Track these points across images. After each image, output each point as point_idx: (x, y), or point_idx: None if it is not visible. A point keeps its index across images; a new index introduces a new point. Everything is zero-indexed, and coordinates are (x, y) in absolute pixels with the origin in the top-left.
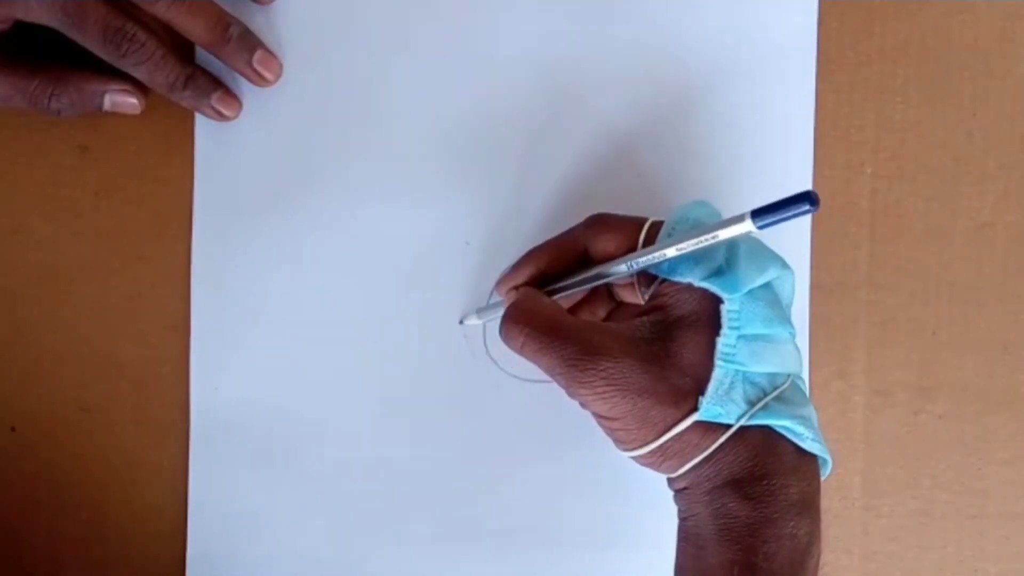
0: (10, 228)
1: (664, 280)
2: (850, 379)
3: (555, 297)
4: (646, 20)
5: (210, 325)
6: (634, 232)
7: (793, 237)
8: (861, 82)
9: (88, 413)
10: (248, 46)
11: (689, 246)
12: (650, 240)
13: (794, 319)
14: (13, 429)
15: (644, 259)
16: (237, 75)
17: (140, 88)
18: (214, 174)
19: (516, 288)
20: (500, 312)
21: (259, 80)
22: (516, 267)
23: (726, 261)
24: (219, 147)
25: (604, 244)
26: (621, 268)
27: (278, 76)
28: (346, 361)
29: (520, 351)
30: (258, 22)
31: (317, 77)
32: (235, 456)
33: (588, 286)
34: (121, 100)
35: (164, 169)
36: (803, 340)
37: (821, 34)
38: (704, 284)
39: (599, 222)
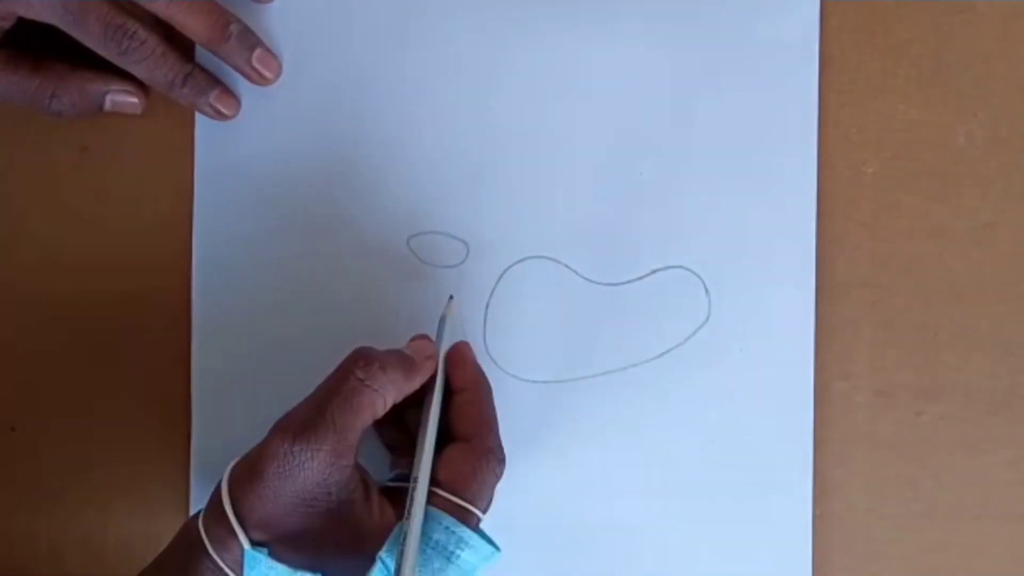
0: (10, 228)
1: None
2: (852, 380)
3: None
4: (648, 19)
5: (210, 324)
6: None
7: (796, 239)
8: (862, 82)
9: (88, 413)
10: (248, 44)
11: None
12: None
13: (798, 321)
14: (13, 429)
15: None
16: (237, 75)
17: (141, 88)
18: (214, 174)
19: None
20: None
21: (258, 79)
22: None
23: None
24: (219, 147)
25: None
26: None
27: (277, 75)
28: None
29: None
30: (258, 21)
31: (317, 76)
32: (236, 456)
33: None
34: (122, 100)
35: (164, 169)
36: (806, 342)
37: (823, 34)
38: None
39: None
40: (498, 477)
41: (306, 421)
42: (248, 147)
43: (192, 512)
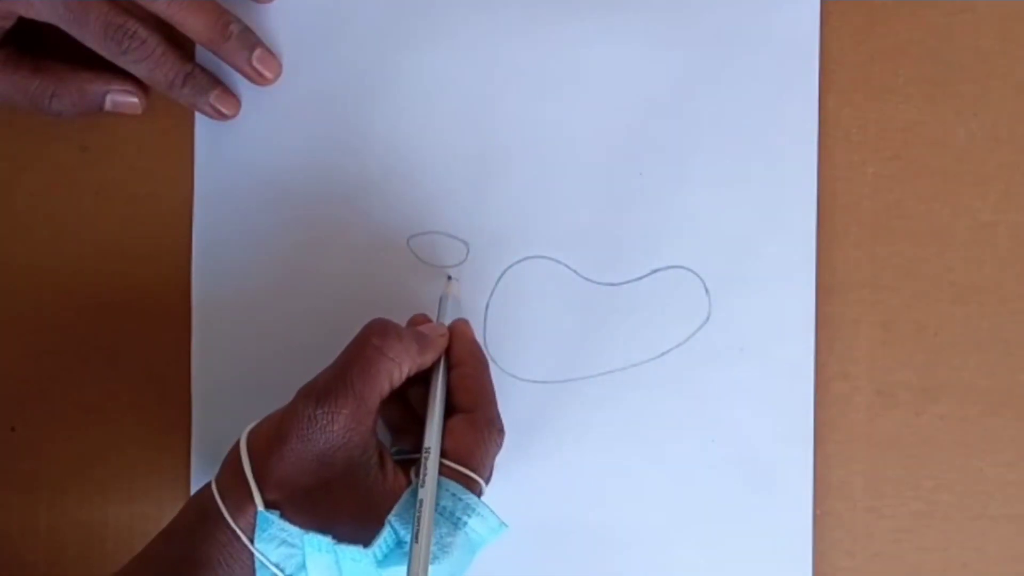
0: (10, 228)
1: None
2: (852, 380)
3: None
4: (648, 20)
5: (210, 324)
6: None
7: (797, 238)
8: (862, 82)
9: (88, 413)
10: (248, 44)
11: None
12: None
13: (798, 320)
14: (13, 429)
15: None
16: (237, 75)
17: (141, 88)
18: (214, 174)
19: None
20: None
21: (259, 79)
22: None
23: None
24: (219, 147)
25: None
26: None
27: (277, 75)
28: None
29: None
30: (258, 21)
31: (316, 76)
32: None
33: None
34: (122, 100)
35: (164, 169)
36: (806, 342)
37: (823, 34)
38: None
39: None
40: (499, 447)
41: (328, 386)
42: (248, 147)
43: None
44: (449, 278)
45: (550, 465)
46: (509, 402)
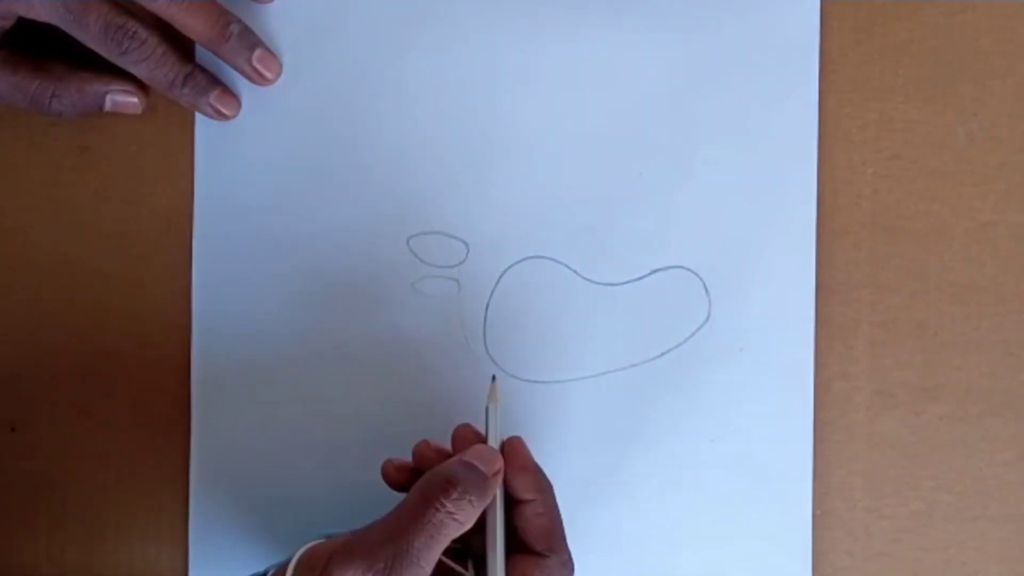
0: (10, 228)
1: None
2: (852, 380)
3: None
4: (648, 20)
5: (210, 325)
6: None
7: (797, 238)
8: (862, 82)
9: (88, 413)
10: (248, 44)
11: None
12: None
13: (798, 320)
14: (13, 429)
15: None
16: (237, 75)
17: (141, 88)
18: (214, 174)
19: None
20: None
21: (259, 79)
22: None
23: None
24: (219, 147)
25: None
26: None
27: (278, 75)
28: (349, 363)
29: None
30: (258, 21)
31: (317, 76)
32: (236, 456)
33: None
34: (122, 100)
35: (164, 169)
36: (806, 342)
37: (823, 34)
38: None
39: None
40: None
41: (384, 557)
42: (248, 147)
43: (192, 508)
44: (493, 379)
45: (549, 465)
46: (509, 402)
